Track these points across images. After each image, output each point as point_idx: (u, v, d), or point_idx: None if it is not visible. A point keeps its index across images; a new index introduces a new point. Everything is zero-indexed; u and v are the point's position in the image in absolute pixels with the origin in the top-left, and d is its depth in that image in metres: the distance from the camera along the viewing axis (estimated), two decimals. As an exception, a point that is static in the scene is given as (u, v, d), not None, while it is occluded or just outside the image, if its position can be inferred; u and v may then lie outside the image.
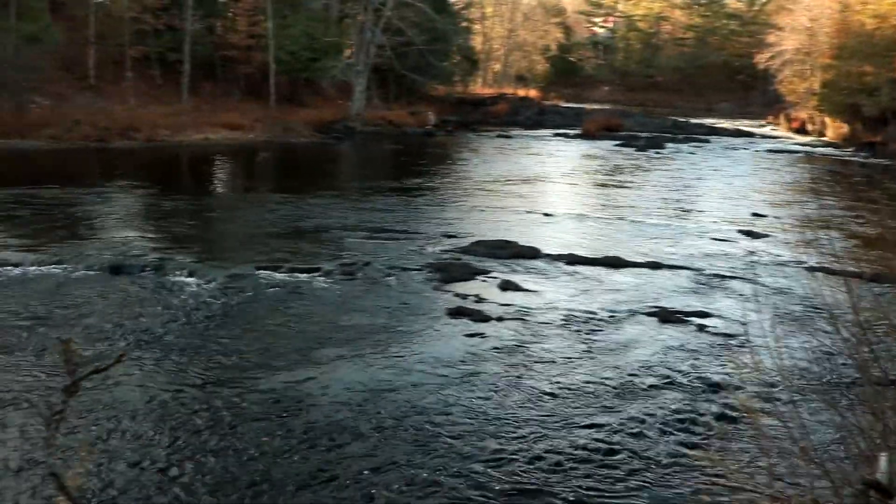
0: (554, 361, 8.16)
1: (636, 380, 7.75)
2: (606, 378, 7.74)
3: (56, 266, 11.24)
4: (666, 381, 7.77)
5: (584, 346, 8.66)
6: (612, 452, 6.19)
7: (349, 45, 42.25)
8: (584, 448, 6.23)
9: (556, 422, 6.69)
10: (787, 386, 4.52)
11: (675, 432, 6.60)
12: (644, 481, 5.78)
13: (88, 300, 9.83)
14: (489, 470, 5.84)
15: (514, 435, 6.41)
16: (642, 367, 8.12)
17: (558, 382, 7.58)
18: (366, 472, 5.77)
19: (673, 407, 7.12)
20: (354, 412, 6.76)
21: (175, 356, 7.98)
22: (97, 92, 34.23)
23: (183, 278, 10.86)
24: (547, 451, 6.14)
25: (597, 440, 6.37)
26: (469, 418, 6.70)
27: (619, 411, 6.97)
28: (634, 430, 6.59)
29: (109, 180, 20.68)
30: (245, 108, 36.28)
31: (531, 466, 5.91)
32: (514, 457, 6.04)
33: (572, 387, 7.48)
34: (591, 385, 7.55)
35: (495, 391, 7.33)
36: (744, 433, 6.17)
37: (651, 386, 7.62)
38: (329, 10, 43.02)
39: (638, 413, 6.94)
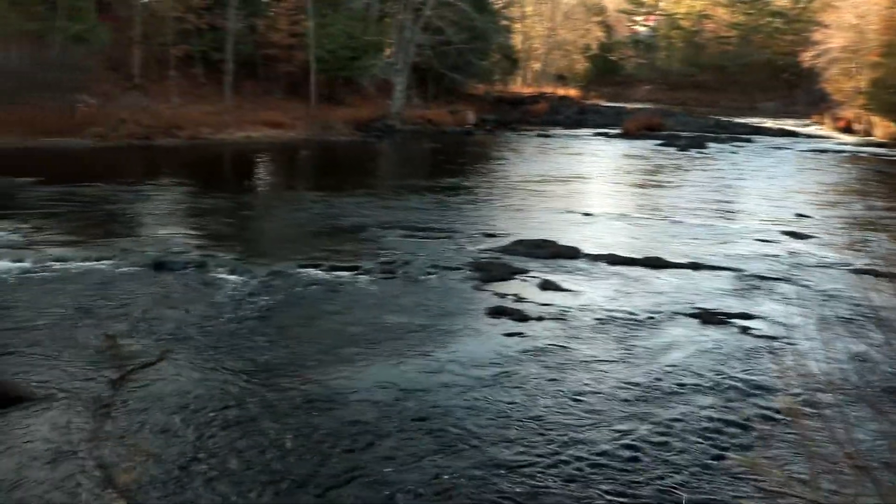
0: (593, 363, 8.10)
1: (676, 382, 7.67)
2: (646, 380, 7.67)
3: (101, 262, 11.42)
4: (707, 383, 7.67)
5: (623, 348, 8.59)
6: (651, 455, 6.12)
7: (389, 43, 42.38)
8: (621, 450, 6.17)
9: (594, 424, 6.63)
10: (832, 390, 4.43)
11: (716, 435, 6.51)
12: (683, 485, 5.71)
13: (133, 296, 9.97)
14: (521, 474, 5.80)
15: (549, 437, 6.37)
16: (682, 368, 8.03)
17: (597, 384, 7.53)
18: (394, 472, 5.76)
19: (713, 410, 7.03)
20: (390, 411, 6.77)
21: (216, 352, 8.06)
22: (142, 91, 34.72)
23: (224, 275, 10.97)
24: (583, 455, 6.08)
25: (635, 442, 6.31)
26: (505, 420, 6.67)
27: (659, 414, 6.89)
28: (674, 433, 6.51)
29: (153, 178, 20.96)
30: (286, 106, 36.58)
31: (565, 470, 5.87)
32: (546, 460, 6.00)
33: (611, 388, 7.42)
34: (629, 387, 7.48)
35: (533, 392, 7.29)
36: (787, 438, 6.07)
37: (691, 388, 7.53)
38: (369, 10, 43.16)
39: (677, 415, 6.87)
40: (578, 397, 7.17)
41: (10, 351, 7.95)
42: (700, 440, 6.41)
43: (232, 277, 10.87)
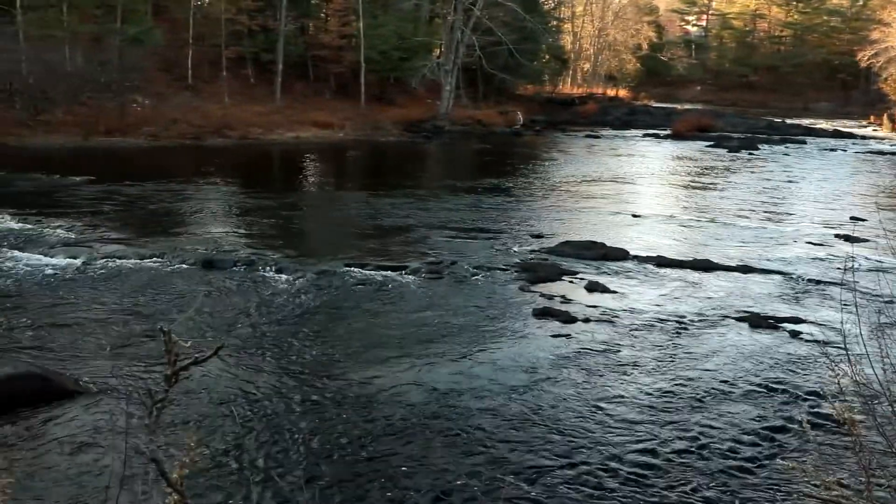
0: (640, 365, 8.00)
1: (725, 386, 7.54)
2: (694, 384, 7.55)
3: (152, 260, 11.61)
4: (757, 388, 7.54)
5: (671, 351, 8.47)
6: (701, 460, 6.03)
7: (439, 44, 42.46)
8: (669, 454, 6.08)
9: (641, 427, 6.55)
10: (889, 397, 4.31)
11: (767, 441, 6.39)
12: (734, 490, 5.61)
13: (184, 293, 10.12)
14: (566, 477, 5.75)
15: (596, 440, 6.30)
16: (732, 373, 7.90)
17: (644, 387, 7.44)
18: (432, 470, 5.74)
19: (764, 415, 6.90)
20: (437, 412, 6.77)
21: (266, 350, 8.14)
22: (194, 91, 35.25)
23: (273, 274, 11.07)
24: (629, 458, 6.02)
25: (684, 447, 6.22)
26: (552, 423, 6.63)
27: (707, 418, 6.78)
28: (723, 438, 6.41)
29: (204, 177, 21.25)
30: (335, 106, 36.85)
31: (612, 472, 5.80)
32: (592, 462, 5.94)
33: (659, 392, 7.32)
34: (678, 391, 7.38)
35: (579, 395, 7.23)
36: (841, 445, 5.94)
37: (741, 393, 7.40)
38: (419, 10, 43.29)
39: (727, 420, 6.75)
40: (625, 400, 7.09)
41: (63, 346, 8.12)
42: (751, 445, 6.30)
43: (280, 276, 10.96)
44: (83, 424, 6.27)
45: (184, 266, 11.41)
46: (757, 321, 9.53)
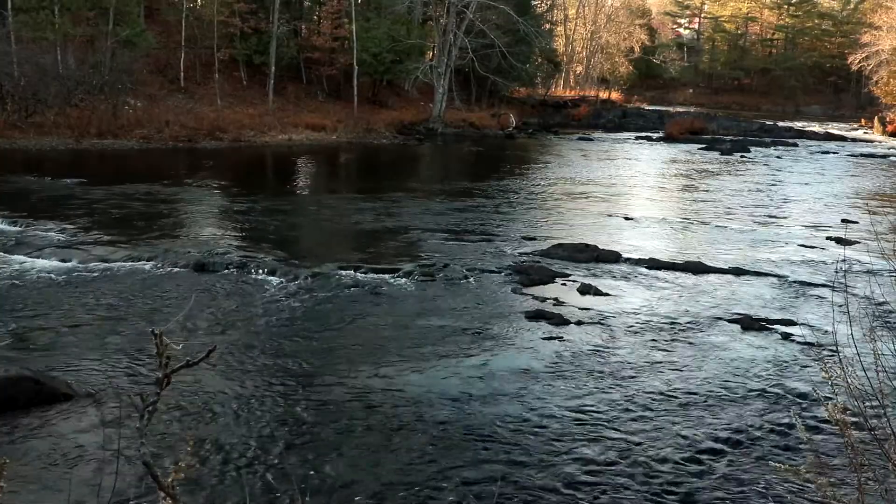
0: (633, 368, 8.01)
1: (718, 389, 7.55)
2: (686, 386, 7.56)
3: (144, 262, 11.58)
4: (749, 390, 7.55)
5: (663, 353, 8.49)
6: (693, 463, 6.03)
7: (432, 47, 42.48)
8: (662, 459, 6.09)
9: (633, 431, 6.55)
10: (881, 399, 4.32)
11: (760, 444, 6.40)
12: (726, 494, 5.61)
13: (176, 296, 10.10)
14: (556, 478, 5.75)
15: (585, 442, 6.31)
16: (724, 375, 7.91)
17: (637, 390, 7.44)
18: (425, 474, 5.74)
19: (757, 417, 6.91)
20: (427, 413, 6.77)
21: (258, 353, 8.12)
22: (187, 94, 35.20)
23: (265, 276, 11.06)
24: (621, 462, 6.02)
25: (676, 451, 6.22)
26: (543, 424, 6.62)
27: (700, 421, 6.79)
28: (716, 441, 6.41)
29: (196, 179, 21.21)
30: (328, 109, 36.85)
31: (603, 477, 5.80)
32: (582, 465, 5.94)
33: (651, 395, 7.33)
34: (670, 394, 7.38)
35: (572, 397, 7.22)
36: (833, 447, 5.95)
37: (734, 395, 7.41)
38: (412, 13, 43.29)
39: (720, 423, 6.76)
40: (617, 403, 7.09)
41: (55, 348, 8.09)
42: (743, 447, 6.31)
43: (273, 279, 10.95)
44: (75, 427, 6.25)
45: (176, 269, 11.38)
46: (749, 323, 9.55)
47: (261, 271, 11.27)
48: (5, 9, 30.04)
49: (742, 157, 31.17)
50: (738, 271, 12.10)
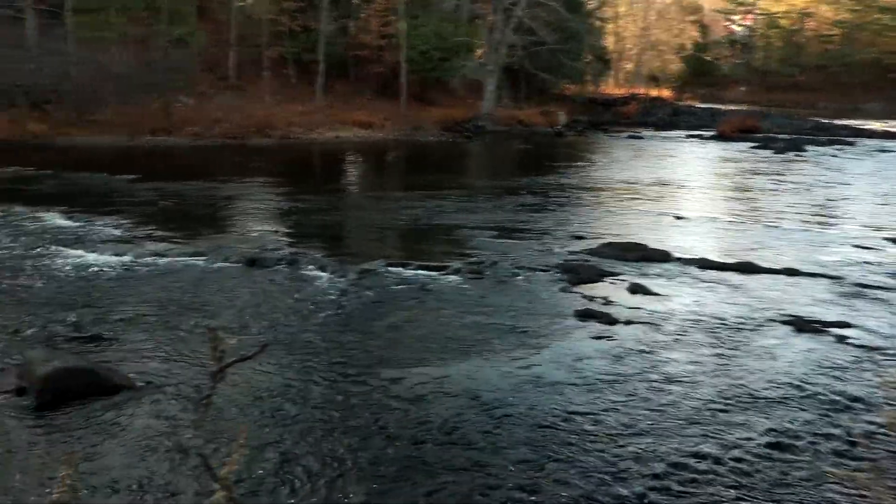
0: (681, 369, 7.91)
1: (769, 391, 7.42)
2: (737, 388, 7.44)
3: (197, 258, 11.76)
4: (802, 393, 7.40)
5: (713, 354, 8.37)
6: (745, 468, 5.94)
7: (480, 44, 42.45)
8: (710, 462, 6.00)
9: (681, 433, 6.47)
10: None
11: (813, 448, 6.27)
12: (779, 499, 5.52)
13: (228, 291, 10.23)
14: (605, 481, 5.71)
15: (633, 445, 6.24)
16: (776, 377, 7.77)
17: (686, 392, 7.34)
18: (470, 472, 5.73)
19: (810, 421, 6.77)
20: (474, 411, 6.76)
21: (310, 349, 8.19)
22: (237, 91, 35.67)
23: (315, 272, 11.15)
24: (667, 465, 5.94)
25: (725, 454, 6.13)
26: (588, 424, 6.57)
27: (750, 424, 6.67)
28: (767, 445, 6.29)
29: (246, 176, 21.48)
30: (376, 106, 37.05)
31: (647, 480, 5.74)
32: (631, 468, 5.88)
33: (700, 396, 7.23)
34: (719, 395, 7.27)
35: (619, 398, 7.16)
36: (890, 454, 5.83)
37: (785, 398, 7.27)
38: (460, 10, 43.30)
39: (771, 426, 6.63)
40: (666, 405, 7.01)
41: (111, 341, 8.25)
42: (796, 453, 6.19)
43: (323, 275, 11.03)
44: (131, 419, 6.37)
45: (228, 264, 11.54)
46: (802, 325, 9.37)
47: (311, 267, 11.37)
48: (64, 10, 30.71)
49: (796, 155, 30.60)
50: (791, 272, 11.89)
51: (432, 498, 5.43)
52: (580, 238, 14.03)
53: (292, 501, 5.27)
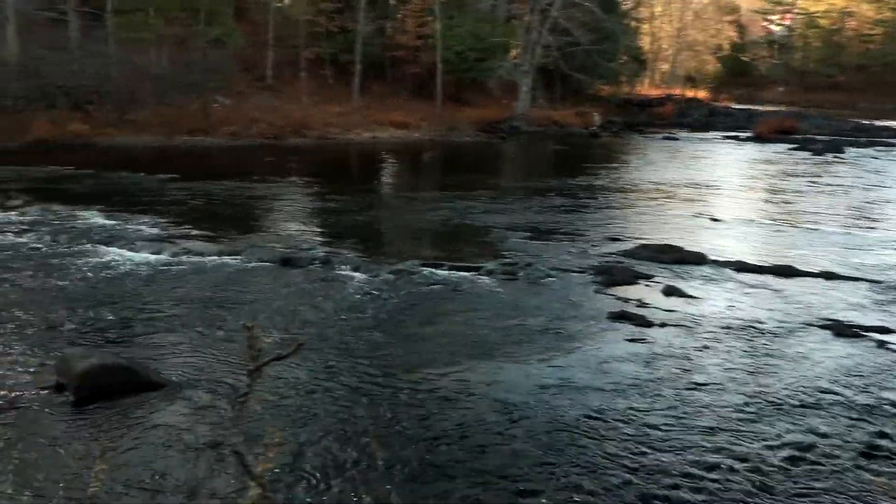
0: (717, 373, 7.83)
1: (807, 396, 7.32)
2: (773, 394, 7.35)
3: (232, 256, 11.86)
4: (841, 399, 7.29)
5: (749, 358, 8.28)
6: (780, 475, 5.86)
7: (516, 45, 42.39)
8: (747, 467, 5.93)
9: (716, 438, 6.40)
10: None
11: (852, 456, 6.17)
12: (815, 504, 5.45)
13: (263, 290, 10.31)
14: (639, 483, 5.67)
15: (667, 448, 6.19)
16: (814, 383, 7.66)
17: (721, 396, 7.26)
18: (512, 474, 5.72)
19: (850, 428, 6.66)
20: (507, 412, 6.74)
21: (342, 348, 8.23)
22: (274, 92, 35.94)
23: (349, 272, 11.20)
24: (702, 470, 5.88)
25: (762, 460, 6.05)
26: (622, 428, 6.52)
27: (788, 430, 6.58)
28: (805, 451, 6.20)
29: (282, 176, 21.64)
30: (412, 107, 37.13)
31: (686, 485, 5.69)
32: (664, 473, 5.83)
33: (736, 401, 7.14)
34: (756, 400, 7.19)
35: (653, 401, 7.10)
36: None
37: (824, 404, 7.16)
38: (496, 11, 43.28)
39: (809, 432, 6.54)
40: (701, 409, 6.95)
41: (147, 339, 8.36)
42: (835, 461, 6.09)
43: (356, 275, 11.08)
44: (167, 416, 6.44)
45: (262, 263, 11.63)
46: (841, 329, 9.23)
47: (344, 267, 11.42)
48: (104, 11, 31.17)
49: (835, 157, 30.17)
50: (829, 275, 11.72)
51: (459, 500, 5.43)
52: (615, 239, 13.96)
53: (323, 499, 5.30)
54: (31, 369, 7.35)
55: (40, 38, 30.38)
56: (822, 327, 9.35)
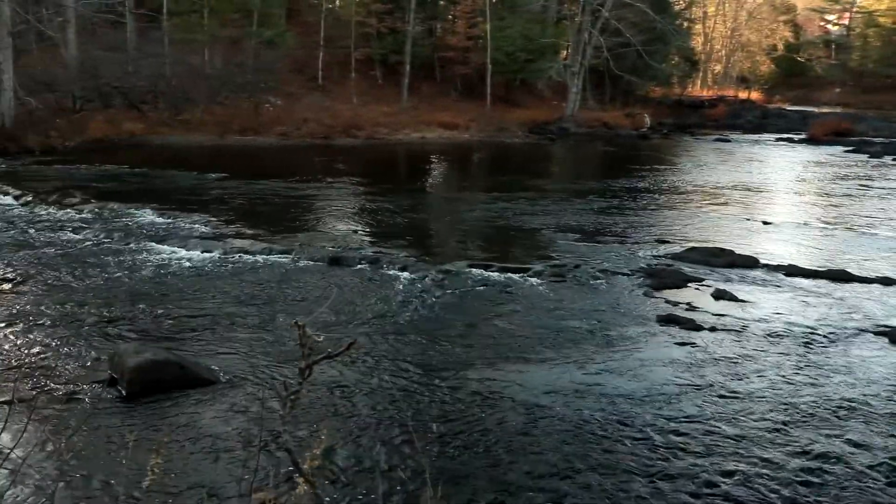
0: (768, 379, 7.71)
1: (861, 405, 7.16)
2: (827, 401, 7.20)
3: (282, 255, 11.99)
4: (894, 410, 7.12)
5: (802, 364, 8.13)
6: (834, 486, 5.75)
7: (566, 45, 42.20)
8: (796, 476, 5.83)
9: (766, 446, 6.30)
10: None
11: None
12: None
13: (312, 289, 10.41)
14: (686, 490, 5.60)
15: (719, 454, 6.11)
16: (868, 391, 7.49)
17: (771, 402, 7.14)
18: (558, 477, 5.70)
19: (903, 437, 6.51)
20: (560, 415, 6.71)
21: (390, 346, 8.28)
22: (324, 92, 36.26)
23: (397, 272, 11.24)
24: (754, 478, 5.80)
25: (816, 469, 5.94)
26: (675, 434, 6.45)
27: (841, 440, 6.43)
28: (860, 461, 6.07)
29: (331, 176, 21.81)
30: (461, 107, 37.18)
31: (738, 490, 5.61)
32: (715, 478, 5.75)
33: (786, 408, 7.01)
34: (809, 408, 7.05)
35: (702, 406, 7.01)
36: None
37: (879, 413, 7.00)
38: (547, 12, 43.12)
39: (864, 443, 6.39)
40: (750, 415, 6.84)
41: (198, 335, 8.49)
42: (890, 471, 5.95)
43: (404, 274, 11.12)
44: (218, 412, 6.54)
45: (311, 262, 11.73)
46: (897, 337, 9.03)
47: (393, 267, 11.47)
48: (160, 13, 31.75)
49: (893, 160, 29.48)
50: (886, 281, 11.46)
51: (506, 500, 5.42)
52: (664, 242, 13.82)
53: (370, 497, 5.33)
54: (86, 363, 7.52)
55: (99, 40, 31.07)
56: (878, 334, 9.15)
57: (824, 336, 9.02)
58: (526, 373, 7.68)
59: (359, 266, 11.58)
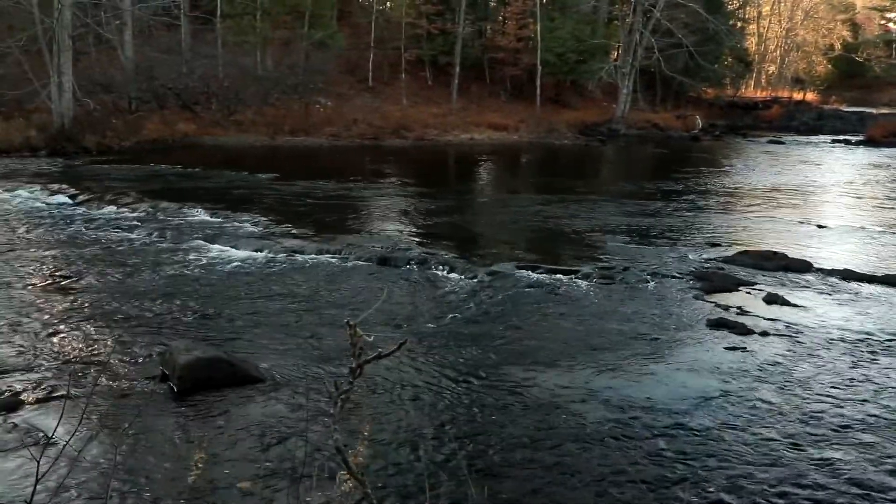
0: (821, 386, 7.54)
1: (918, 413, 6.97)
2: (882, 410, 7.03)
3: (331, 255, 12.08)
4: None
5: (856, 372, 7.95)
6: (886, 495, 5.61)
7: (616, 46, 41.89)
8: (848, 486, 5.70)
9: (817, 454, 6.16)
10: None
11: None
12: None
13: (361, 289, 10.47)
14: (735, 499, 5.51)
15: (770, 462, 6.00)
16: (926, 399, 7.29)
17: (824, 410, 6.99)
18: (602, 482, 5.65)
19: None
20: (607, 419, 6.65)
21: (439, 347, 8.29)
22: (374, 93, 36.47)
23: (445, 273, 11.26)
24: (804, 488, 5.68)
25: (866, 480, 5.80)
26: (726, 440, 6.34)
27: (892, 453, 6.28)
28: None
29: (380, 177, 21.94)
30: (510, 109, 37.13)
31: (788, 497, 5.51)
32: (767, 487, 5.65)
33: (840, 417, 6.85)
34: (862, 417, 6.87)
35: (752, 413, 6.88)
36: None
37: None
38: (598, 12, 42.83)
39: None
40: (804, 423, 6.70)
41: (247, 333, 8.59)
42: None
43: (452, 275, 11.13)
44: (267, 410, 6.61)
45: (360, 262, 11.81)
46: (956, 344, 8.79)
47: (441, 268, 11.48)
48: (214, 16, 32.24)
49: (954, 162, 28.76)
50: (945, 287, 11.17)
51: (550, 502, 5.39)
52: (715, 245, 13.64)
53: (419, 497, 5.34)
54: (138, 360, 7.66)
55: (154, 43, 31.65)
56: (936, 341, 8.91)
57: (880, 342, 8.82)
58: (573, 377, 7.63)
59: (407, 266, 11.61)
